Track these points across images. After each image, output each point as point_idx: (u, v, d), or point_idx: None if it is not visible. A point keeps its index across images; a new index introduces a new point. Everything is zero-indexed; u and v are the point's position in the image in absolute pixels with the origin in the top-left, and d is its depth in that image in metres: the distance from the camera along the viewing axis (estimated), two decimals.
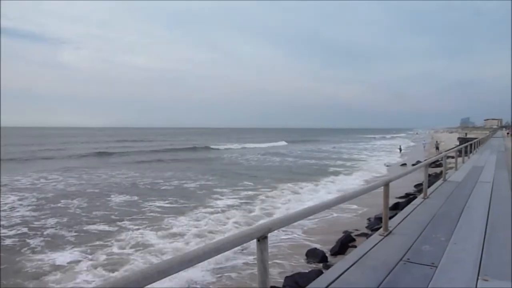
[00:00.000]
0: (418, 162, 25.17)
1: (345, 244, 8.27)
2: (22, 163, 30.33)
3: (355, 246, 7.31)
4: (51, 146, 51.05)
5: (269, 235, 2.18)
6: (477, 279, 3.15)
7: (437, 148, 39.90)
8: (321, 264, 7.29)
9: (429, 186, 8.02)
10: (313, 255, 7.83)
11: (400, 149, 46.17)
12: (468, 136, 47.34)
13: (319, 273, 6.00)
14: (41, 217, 12.00)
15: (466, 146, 16.11)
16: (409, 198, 11.86)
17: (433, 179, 14.52)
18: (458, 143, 33.90)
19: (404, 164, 28.52)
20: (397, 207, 10.29)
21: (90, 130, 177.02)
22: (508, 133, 67.83)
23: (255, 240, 2.14)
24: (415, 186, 15.44)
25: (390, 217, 5.24)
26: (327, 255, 7.83)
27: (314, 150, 48.80)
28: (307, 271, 6.70)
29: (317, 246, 8.43)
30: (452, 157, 13.41)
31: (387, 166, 28.29)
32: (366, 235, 8.46)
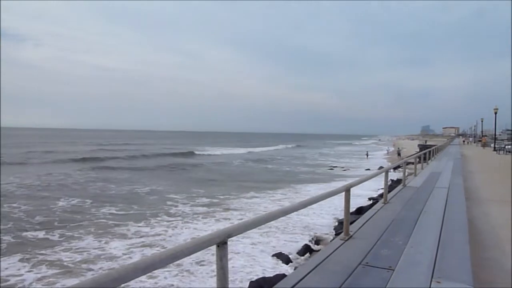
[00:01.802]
0: (381, 167, 26.11)
1: (310, 247, 8.41)
2: None
3: (320, 250, 7.44)
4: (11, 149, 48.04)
5: (229, 240, 2.17)
6: (431, 281, 3.29)
7: (399, 154, 41.82)
8: (286, 268, 7.36)
9: (390, 191, 8.30)
10: (279, 259, 7.89)
11: (367, 155, 48.35)
12: (428, 143, 49.71)
13: (283, 277, 6.01)
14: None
15: (425, 152, 16.87)
16: (371, 202, 12.23)
17: (395, 184, 15.10)
18: (418, 150, 35.51)
19: (368, 169, 29.65)
20: (360, 212, 10.58)
21: (53, 131, 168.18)
22: (464, 141, 72.40)
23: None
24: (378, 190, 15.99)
25: (352, 222, 5.38)
26: (292, 259, 7.92)
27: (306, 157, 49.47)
28: (272, 275, 6.74)
29: (283, 250, 8.50)
30: (412, 163, 13.97)
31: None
32: (331, 239, 8.64)
